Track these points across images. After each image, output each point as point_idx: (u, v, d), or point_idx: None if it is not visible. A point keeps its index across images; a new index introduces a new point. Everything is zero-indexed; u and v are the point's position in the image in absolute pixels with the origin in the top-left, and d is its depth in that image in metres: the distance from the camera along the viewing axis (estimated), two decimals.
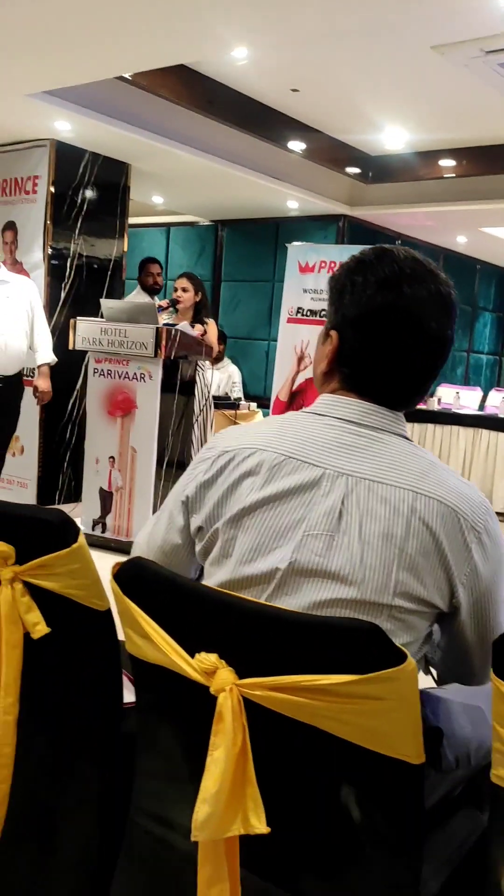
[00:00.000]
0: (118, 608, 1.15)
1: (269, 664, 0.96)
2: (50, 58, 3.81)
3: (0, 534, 1.35)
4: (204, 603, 1.03)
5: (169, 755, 1.17)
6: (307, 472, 1.10)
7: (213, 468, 1.18)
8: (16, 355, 4.38)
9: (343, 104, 5.02)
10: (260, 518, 1.11)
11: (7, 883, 1.49)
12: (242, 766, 0.97)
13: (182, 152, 5.35)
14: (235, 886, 1.01)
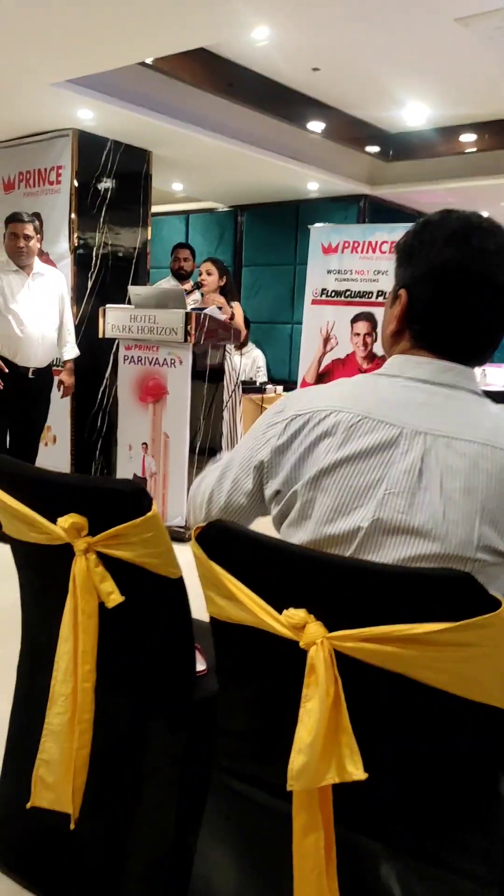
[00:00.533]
0: (199, 572, 1.18)
1: (359, 617, 0.98)
2: (73, 46, 3.82)
3: (73, 505, 1.39)
4: (291, 560, 1.05)
5: (252, 714, 1.19)
6: (384, 432, 1.11)
7: (287, 432, 1.19)
8: (50, 346, 4.44)
9: (364, 81, 4.98)
10: (339, 478, 1.12)
11: (90, 845, 1.53)
12: (336, 716, 0.99)
13: (202, 136, 5.35)
14: (330, 835, 1.04)
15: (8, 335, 4.24)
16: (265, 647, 1.09)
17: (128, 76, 4.63)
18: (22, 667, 1.70)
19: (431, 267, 1.14)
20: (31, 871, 1.67)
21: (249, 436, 1.29)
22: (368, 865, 1.10)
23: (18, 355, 4.28)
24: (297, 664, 1.03)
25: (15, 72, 4.22)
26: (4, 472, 1.54)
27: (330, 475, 1.13)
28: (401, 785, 1.05)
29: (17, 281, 4.27)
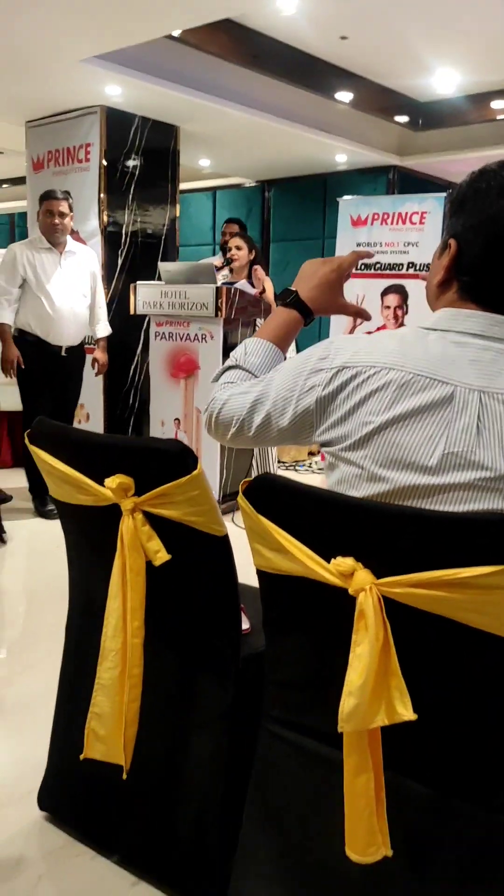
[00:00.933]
0: (246, 525, 1.20)
1: (406, 563, 1.00)
2: (101, 21, 3.82)
3: (119, 466, 1.42)
4: (338, 509, 1.07)
5: (301, 664, 1.22)
6: (438, 390, 1.10)
7: (333, 384, 1.18)
8: (83, 324, 4.47)
9: (393, 49, 4.92)
10: (392, 436, 1.11)
11: (140, 798, 1.58)
12: (386, 660, 1.01)
13: (230, 109, 5.32)
14: (379, 777, 1.07)
15: (40, 314, 4.28)
16: (313, 596, 1.12)
17: (155, 50, 4.62)
18: (70, 626, 1.75)
19: (483, 219, 1.13)
20: (83, 824, 1.72)
21: (289, 373, 1.25)
22: (417, 809, 1.13)
23: (51, 334, 4.31)
24: (345, 612, 1.05)
25: (44, 49, 4.23)
26: (51, 436, 1.58)
27: (382, 433, 1.12)
28: (449, 728, 1.08)
29: (50, 259, 4.30)
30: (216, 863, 1.47)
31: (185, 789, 1.52)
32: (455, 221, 1.18)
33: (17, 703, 2.32)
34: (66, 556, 1.74)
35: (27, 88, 4.96)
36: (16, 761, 2.02)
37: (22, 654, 2.67)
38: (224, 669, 1.48)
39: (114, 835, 1.65)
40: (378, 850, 1.06)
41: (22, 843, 1.71)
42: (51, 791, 1.78)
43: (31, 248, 4.32)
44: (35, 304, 4.27)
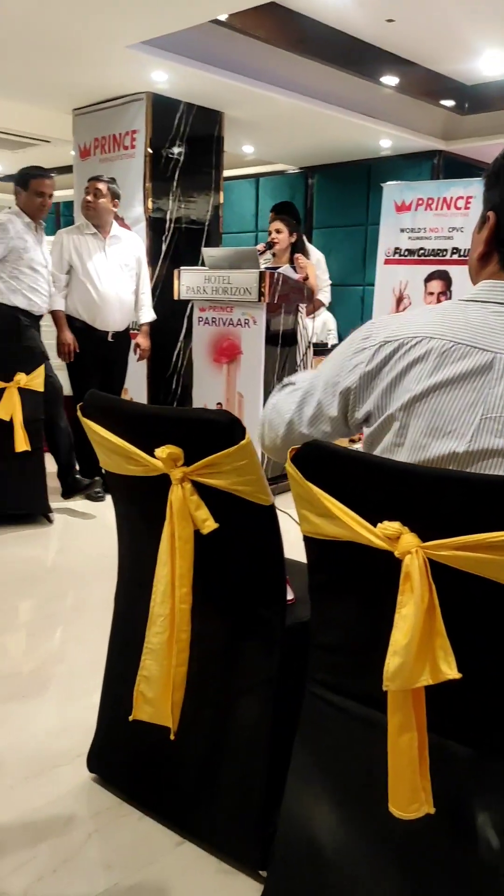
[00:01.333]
0: (294, 491, 1.23)
1: (452, 526, 1.02)
2: (148, 6, 3.85)
3: (169, 436, 1.46)
4: (385, 474, 1.09)
5: (346, 627, 1.25)
6: (478, 357, 1.12)
7: (377, 358, 1.21)
8: (129, 311, 4.53)
9: (440, 31, 4.86)
10: (432, 404, 1.14)
11: (186, 760, 1.62)
12: (431, 620, 1.04)
13: (275, 94, 5.31)
14: (423, 736, 1.09)
15: (86, 300, 4.35)
16: (360, 560, 1.15)
17: (201, 36, 4.64)
18: (120, 595, 1.80)
19: None
20: (130, 786, 1.78)
21: (333, 362, 1.29)
22: (460, 770, 1.15)
23: (97, 320, 4.38)
24: (391, 575, 1.08)
25: (92, 36, 4.28)
26: (102, 408, 1.62)
27: (423, 401, 1.15)
28: (492, 689, 1.10)
29: (95, 245, 4.37)
30: (259, 825, 1.51)
31: (229, 753, 1.56)
32: (492, 194, 1.19)
33: (67, 672, 2.40)
34: (116, 526, 1.79)
35: (75, 76, 5.02)
36: (66, 726, 2.08)
37: (71, 627, 2.75)
38: (269, 637, 1.52)
39: (160, 796, 1.70)
40: (421, 807, 1.09)
41: (72, 803, 1.77)
42: (100, 754, 1.84)
43: (77, 233, 4.39)
44: (81, 290, 4.35)
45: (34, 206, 4.18)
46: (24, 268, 4.14)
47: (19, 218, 4.19)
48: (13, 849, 1.62)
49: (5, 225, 4.11)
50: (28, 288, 4.16)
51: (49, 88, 5.34)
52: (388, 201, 6.18)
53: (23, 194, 4.19)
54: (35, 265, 4.17)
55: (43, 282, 4.23)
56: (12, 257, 4.12)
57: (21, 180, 4.21)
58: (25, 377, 3.78)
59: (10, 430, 3.72)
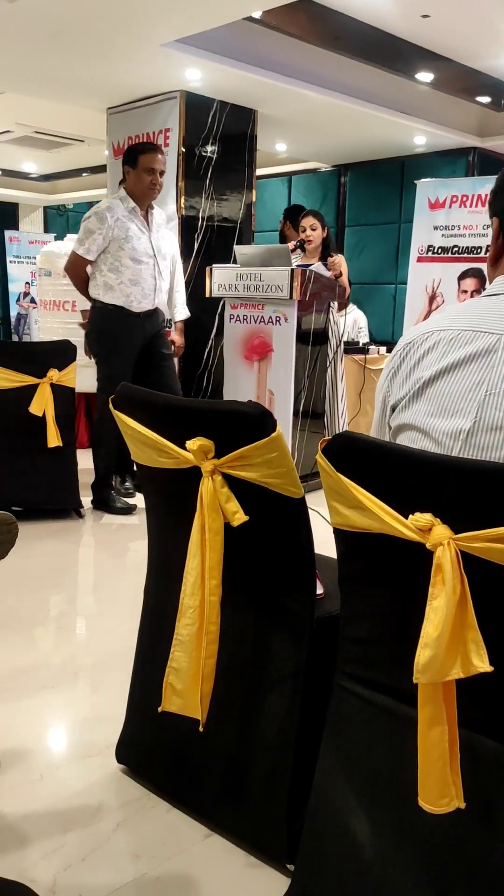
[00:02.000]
0: (325, 483, 1.23)
1: (484, 518, 1.01)
2: (182, 4, 3.87)
3: (200, 429, 1.46)
4: (416, 465, 1.08)
5: (377, 620, 1.24)
6: (483, 340, 1.17)
7: (398, 359, 1.30)
8: (166, 294, 4.27)
9: (476, 27, 4.81)
10: (441, 386, 1.19)
11: (215, 753, 1.63)
12: (462, 613, 1.03)
13: (309, 92, 5.31)
14: (454, 730, 1.08)
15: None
16: (391, 552, 1.14)
17: (235, 33, 4.65)
18: (149, 587, 1.81)
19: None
20: (159, 777, 1.78)
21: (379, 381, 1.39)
22: (490, 766, 1.13)
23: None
24: (422, 567, 1.07)
25: (126, 35, 4.31)
26: (134, 401, 1.63)
27: (432, 385, 1.20)
28: None
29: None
30: (287, 818, 1.50)
31: (257, 745, 1.56)
32: (496, 203, 1.28)
33: (97, 664, 2.42)
34: (146, 519, 1.80)
35: (109, 74, 5.06)
36: (96, 717, 2.10)
37: (100, 619, 2.77)
38: (299, 630, 1.51)
39: (188, 788, 1.70)
40: (451, 802, 1.08)
41: (101, 793, 1.78)
42: (128, 745, 1.85)
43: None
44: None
45: (143, 187, 3.85)
46: (126, 259, 3.87)
47: (123, 203, 3.89)
48: (42, 837, 1.63)
49: (103, 214, 3.82)
50: (129, 282, 3.90)
51: (84, 87, 5.39)
52: (421, 198, 6.15)
53: (131, 174, 3.87)
54: (139, 256, 3.90)
55: (148, 274, 3.95)
56: (112, 248, 3.86)
57: (129, 157, 3.88)
58: (58, 373, 3.82)
59: (43, 425, 3.76)
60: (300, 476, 1.45)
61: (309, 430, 4.72)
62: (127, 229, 3.88)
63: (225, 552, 1.48)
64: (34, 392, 3.75)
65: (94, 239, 3.87)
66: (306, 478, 4.35)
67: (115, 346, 4.02)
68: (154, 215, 4.08)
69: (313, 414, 4.77)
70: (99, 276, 3.96)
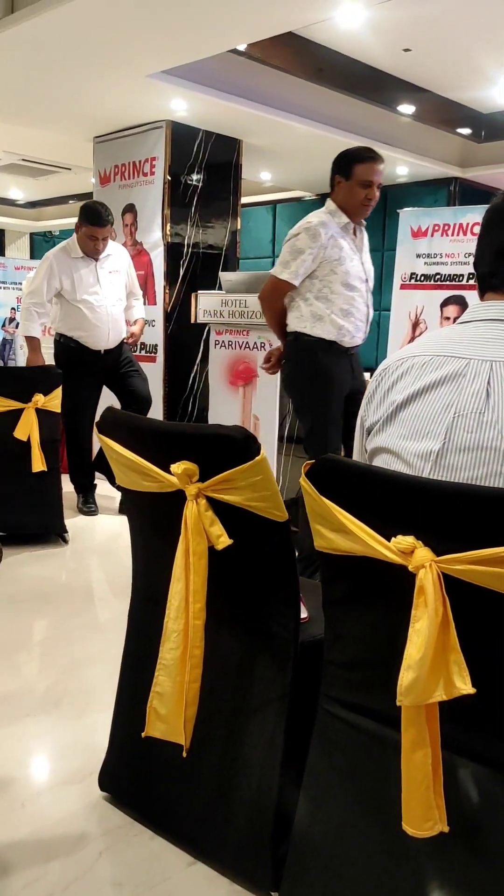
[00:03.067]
0: (308, 506, 1.24)
1: (466, 540, 1.03)
2: (167, 36, 3.93)
3: (185, 453, 1.47)
4: (399, 488, 1.10)
5: (360, 643, 1.25)
6: (454, 364, 1.21)
7: (374, 385, 1.34)
8: (121, 329, 4.51)
9: (456, 60, 4.92)
10: (412, 409, 1.23)
11: (199, 778, 1.61)
12: (445, 635, 1.03)
13: (293, 123, 5.39)
14: (437, 753, 1.08)
15: (80, 323, 4.34)
16: (374, 575, 1.15)
17: (220, 65, 4.72)
18: (134, 611, 1.80)
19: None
20: (142, 805, 1.77)
21: None
22: (474, 788, 1.14)
23: (91, 340, 4.38)
24: (405, 590, 1.08)
25: (113, 66, 4.37)
26: (119, 425, 1.64)
27: (405, 408, 1.24)
28: None
29: (86, 270, 4.34)
30: (272, 845, 1.49)
31: (242, 771, 1.55)
32: None
33: (80, 691, 2.39)
34: (130, 543, 1.80)
35: (96, 105, 5.12)
36: (79, 744, 2.08)
37: (84, 645, 2.75)
38: (283, 654, 1.51)
39: (172, 815, 1.69)
40: (434, 825, 1.08)
41: (83, 821, 1.76)
42: (112, 772, 1.83)
43: (67, 257, 4.33)
44: (74, 313, 4.34)
45: (356, 202, 3.17)
46: (338, 285, 3.14)
47: (334, 218, 3.18)
48: (24, 866, 1.61)
49: (316, 230, 3.10)
50: (340, 312, 3.16)
51: (70, 116, 5.45)
52: (404, 227, 6.23)
53: (343, 185, 3.18)
54: (351, 280, 3.17)
55: (361, 303, 3.23)
56: (322, 272, 3.13)
57: (342, 166, 3.18)
58: (43, 398, 3.82)
59: (28, 450, 3.75)
60: (285, 500, 1.46)
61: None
62: (340, 249, 3.16)
63: (209, 576, 1.48)
64: (19, 416, 3.75)
65: (304, 260, 3.11)
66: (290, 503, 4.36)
67: (331, 389, 3.23)
68: (363, 235, 3.42)
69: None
70: (304, 306, 3.20)
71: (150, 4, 3.52)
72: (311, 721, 1.36)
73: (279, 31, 3.97)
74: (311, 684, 1.42)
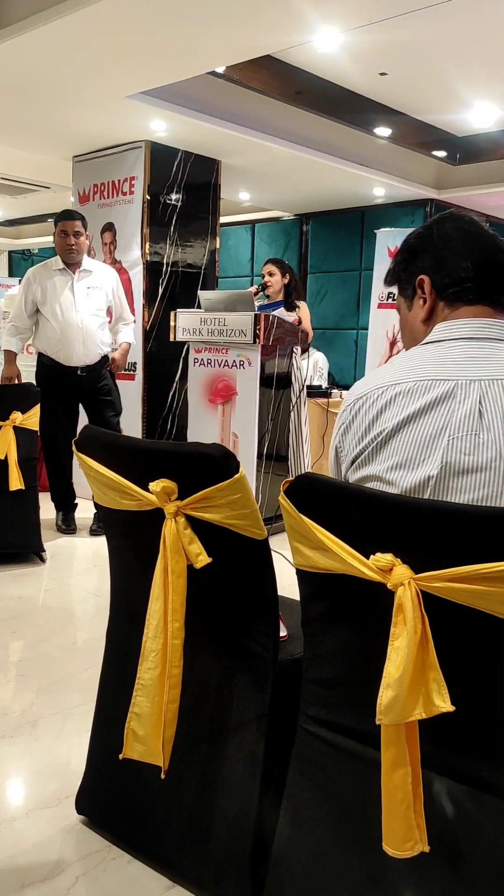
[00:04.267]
0: (287, 524, 1.24)
1: (444, 558, 1.03)
2: (146, 58, 3.97)
3: (164, 471, 1.46)
4: (377, 506, 1.10)
5: (340, 662, 1.24)
6: (441, 387, 1.19)
7: (349, 414, 1.30)
8: (95, 345, 4.40)
9: (431, 84, 5.01)
10: (404, 437, 1.20)
11: (178, 800, 1.59)
12: (424, 653, 1.03)
13: (271, 144, 5.45)
14: (416, 771, 1.08)
15: (49, 336, 4.31)
16: (353, 593, 1.15)
17: (199, 87, 4.77)
18: (112, 630, 1.79)
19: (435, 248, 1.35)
20: (120, 828, 1.74)
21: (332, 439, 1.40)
22: (454, 808, 1.13)
23: (61, 355, 4.31)
24: (384, 607, 1.08)
25: (92, 87, 4.40)
26: (97, 443, 1.63)
27: (395, 437, 1.21)
28: (486, 723, 1.09)
29: (62, 281, 4.31)
30: (251, 867, 1.48)
31: (221, 792, 1.53)
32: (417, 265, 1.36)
33: (57, 712, 2.36)
34: (109, 562, 1.78)
35: (75, 125, 5.14)
36: (55, 767, 2.05)
37: (62, 666, 2.72)
38: (262, 673, 1.50)
39: (150, 838, 1.66)
40: (415, 845, 1.07)
41: (60, 846, 1.73)
42: (88, 796, 1.80)
43: (45, 271, 4.36)
44: (46, 327, 4.32)
45: None
46: None
47: None
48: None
49: None
50: None
51: (50, 137, 5.47)
52: (381, 247, 6.31)
53: None
54: None
55: None
56: None
57: None
58: (21, 416, 3.80)
59: (5, 468, 3.72)
60: (264, 518, 1.46)
61: (273, 472, 4.74)
62: None
63: (188, 595, 1.47)
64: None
65: None
66: (270, 520, 4.36)
67: None
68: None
69: (277, 457, 4.79)
70: None
71: (130, 26, 3.56)
72: (290, 741, 1.35)
73: (258, 54, 4.02)
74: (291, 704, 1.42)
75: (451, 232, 1.34)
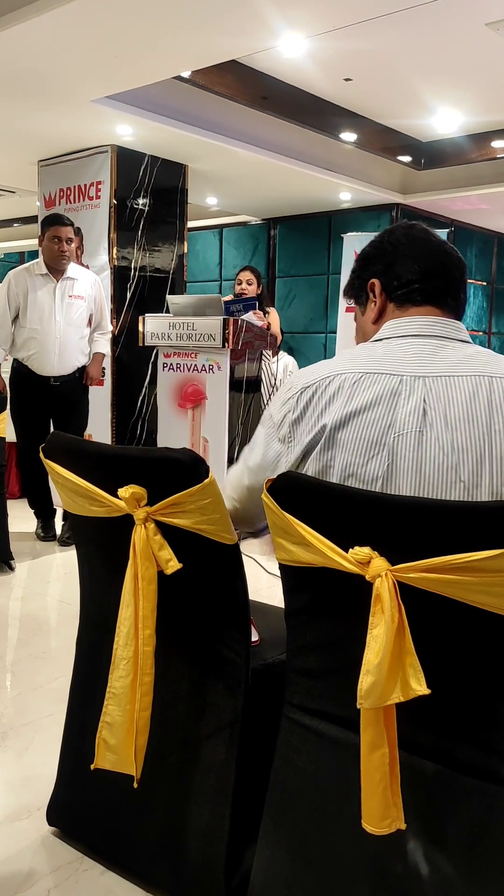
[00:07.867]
0: (269, 520, 1.25)
1: (419, 550, 1.05)
2: (112, 62, 3.96)
3: (133, 476, 1.45)
4: (355, 502, 1.12)
5: (321, 651, 1.26)
6: (386, 382, 1.22)
7: (300, 405, 1.30)
8: (73, 355, 4.34)
9: (396, 90, 5.06)
10: (351, 432, 1.22)
11: (151, 809, 1.58)
12: (401, 640, 1.06)
13: (238, 149, 5.46)
14: (394, 753, 1.10)
15: (27, 343, 4.22)
16: (334, 584, 1.17)
17: (165, 91, 4.77)
18: (82, 638, 1.76)
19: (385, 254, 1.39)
20: (92, 839, 1.72)
21: (265, 423, 1.39)
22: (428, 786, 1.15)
23: (36, 363, 4.23)
24: (363, 598, 1.10)
25: (58, 90, 4.37)
26: (65, 449, 1.61)
27: (343, 430, 1.23)
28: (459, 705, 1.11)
29: (43, 287, 4.21)
30: (226, 875, 1.47)
31: (194, 799, 1.52)
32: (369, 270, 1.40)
33: (28, 723, 2.33)
34: (78, 569, 1.76)
35: (40, 128, 5.11)
36: (26, 779, 2.02)
37: (32, 676, 2.68)
38: (234, 679, 1.49)
39: (123, 849, 1.65)
40: (392, 823, 1.10)
41: (31, 858, 1.70)
42: (60, 807, 1.78)
43: (27, 275, 4.25)
44: (22, 333, 4.23)
45: None
46: None
47: None
48: None
49: None
50: None
51: (15, 140, 5.43)
52: (348, 251, 6.35)
53: None
54: None
55: None
56: None
57: None
58: None
59: None
60: None
61: None
62: None
63: (159, 601, 1.46)
64: None
65: None
66: None
67: None
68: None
69: None
70: None
71: (95, 31, 3.54)
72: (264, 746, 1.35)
73: (223, 59, 4.03)
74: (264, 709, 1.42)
75: (401, 238, 1.39)
